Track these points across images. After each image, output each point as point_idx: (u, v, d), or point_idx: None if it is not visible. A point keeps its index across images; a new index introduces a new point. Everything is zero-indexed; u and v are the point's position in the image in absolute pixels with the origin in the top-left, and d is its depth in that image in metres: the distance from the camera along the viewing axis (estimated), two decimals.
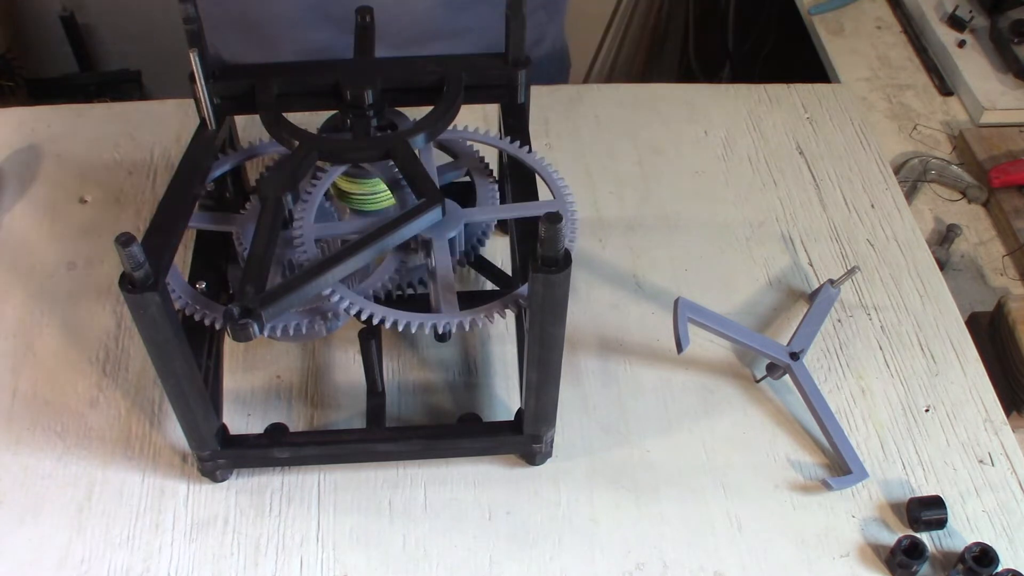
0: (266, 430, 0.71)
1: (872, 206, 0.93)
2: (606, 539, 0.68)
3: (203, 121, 0.69)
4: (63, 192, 0.90)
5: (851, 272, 0.81)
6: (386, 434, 0.71)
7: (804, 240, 0.89)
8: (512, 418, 0.71)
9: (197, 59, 0.65)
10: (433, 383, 0.77)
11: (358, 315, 0.62)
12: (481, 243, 0.70)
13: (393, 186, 0.67)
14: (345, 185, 0.69)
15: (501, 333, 0.80)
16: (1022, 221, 1.03)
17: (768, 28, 1.76)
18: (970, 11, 1.25)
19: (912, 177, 1.08)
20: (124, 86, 2.03)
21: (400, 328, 0.61)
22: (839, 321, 0.83)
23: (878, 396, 0.78)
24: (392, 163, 0.66)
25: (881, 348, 0.81)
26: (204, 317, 0.63)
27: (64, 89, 1.99)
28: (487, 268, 0.75)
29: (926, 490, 0.72)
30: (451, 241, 0.65)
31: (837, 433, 0.73)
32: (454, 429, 0.72)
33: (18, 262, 0.84)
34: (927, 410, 0.77)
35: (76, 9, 1.96)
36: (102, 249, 0.85)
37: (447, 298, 0.63)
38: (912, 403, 0.77)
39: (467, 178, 0.73)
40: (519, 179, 0.70)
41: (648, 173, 0.94)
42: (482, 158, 0.73)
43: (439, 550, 0.67)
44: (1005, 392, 0.84)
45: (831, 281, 0.82)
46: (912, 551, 0.66)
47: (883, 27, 1.31)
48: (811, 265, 0.87)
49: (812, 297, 0.83)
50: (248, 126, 0.91)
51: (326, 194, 0.68)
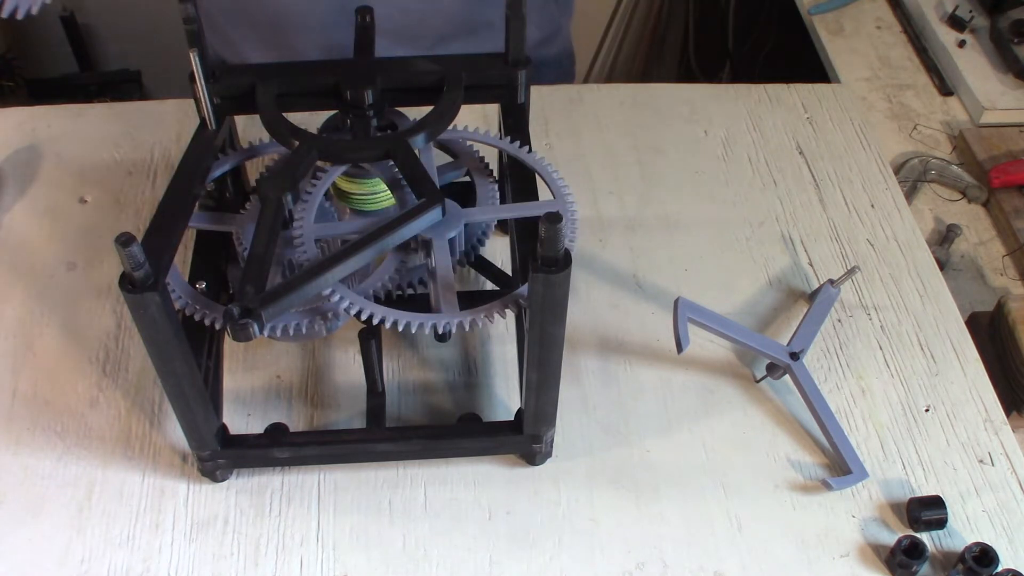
0: (266, 430, 0.71)
1: (872, 206, 0.93)
2: (606, 539, 0.68)
3: (203, 121, 0.69)
4: (63, 192, 0.90)
5: (851, 272, 0.81)
6: (386, 434, 0.71)
7: (804, 240, 0.89)
8: (512, 418, 0.71)
9: (197, 59, 0.65)
10: (433, 383, 0.77)
11: (358, 315, 0.62)
12: (481, 243, 0.70)
13: (393, 186, 0.67)
14: (345, 185, 0.69)
15: (501, 333, 0.80)
16: (1022, 221, 1.03)
17: (768, 28, 1.76)
18: (970, 11, 1.25)
19: (912, 177, 1.08)
20: (124, 86, 2.03)
21: (400, 328, 0.61)
22: (839, 321, 0.83)
23: (878, 396, 0.78)
24: (392, 163, 0.66)
25: (881, 348, 0.81)
26: (204, 317, 0.63)
27: (64, 89, 1.99)
28: (487, 268, 0.75)
29: (926, 490, 0.72)
30: (451, 241, 0.65)
31: (837, 433, 0.73)
32: (454, 429, 0.72)
33: (18, 262, 0.84)
34: (927, 410, 0.77)
35: (76, 9, 1.96)
36: (102, 249, 0.85)
37: (447, 298, 0.63)
38: (912, 403, 0.77)
39: (467, 178, 0.73)
40: (519, 179, 0.70)
41: (648, 173, 0.94)
42: (482, 158, 0.73)
43: (439, 550, 0.67)
44: (1005, 392, 0.84)
45: (831, 281, 0.82)
46: (912, 551, 0.66)
47: (883, 27, 1.31)
48: (811, 265, 0.87)
49: (812, 297, 0.83)
50: (248, 126, 0.91)
51: (326, 194, 0.68)
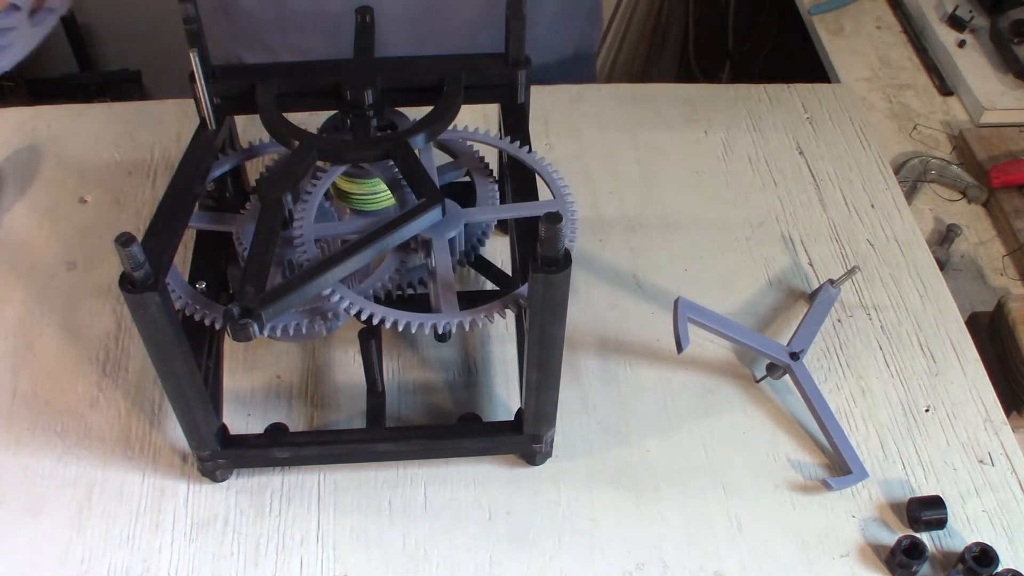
0: (266, 430, 0.71)
1: (872, 206, 0.93)
2: (606, 539, 0.68)
3: (203, 121, 0.69)
4: (63, 192, 0.90)
5: (851, 272, 0.81)
6: (386, 434, 0.71)
7: (804, 240, 0.89)
8: (512, 418, 0.71)
9: (197, 59, 0.65)
10: (433, 383, 0.77)
11: (358, 315, 0.62)
12: (481, 243, 0.70)
13: (393, 186, 0.67)
14: (345, 185, 0.69)
15: (501, 333, 0.80)
16: (1022, 221, 1.03)
17: (768, 28, 1.76)
18: (970, 11, 1.25)
19: (912, 177, 1.08)
20: (124, 86, 2.03)
21: (400, 328, 0.61)
22: (839, 321, 0.83)
23: (878, 396, 0.78)
24: (392, 163, 0.66)
25: (881, 348, 0.81)
26: (204, 317, 0.63)
27: (64, 89, 1.99)
28: (487, 268, 0.75)
29: (926, 490, 0.72)
30: (451, 241, 0.65)
31: (837, 433, 0.73)
32: (454, 429, 0.72)
33: (18, 262, 0.84)
34: (927, 410, 0.77)
35: (76, 9, 1.96)
36: (102, 249, 0.85)
37: (447, 298, 0.63)
38: (912, 403, 0.77)
39: (467, 178, 0.73)
40: (519, 179, 0.70)
41: (648, 173, 0.94)
42: (482, 158, 0.73)
43: (439, 550, 0.67)
44: (1005, 392, 0.84)
45: (831, 281, 0.82)
46: (912, 551, 0.66)
47: (883, 27, 1.31)
48: (811, 265, 0.87)
49: (812, 297, 0.83)
50: (248, 126, 0.91)
51: (326, 194, 0.68)
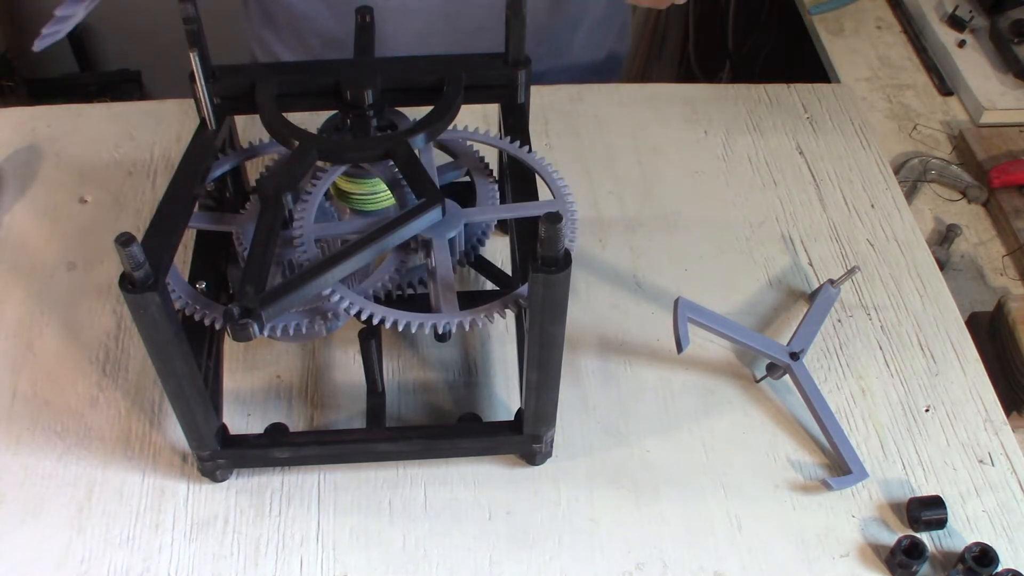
0: (266, 430, 0.71)
1: (872, 206, 0.93)
2: (606, 539, 0.68)
3: (203, 121, 0.69)
4: (63, 192, 0.90)
5: (851, 272, 0.81)
6: (386, 434, 0.71)
7: (804, 240, 0.89)
8: (512, 418, 0.71)
9: (197, 59, 0.65)
10: (433, 383, 0.77)
11: (358, 315, 0.62)
12: (481, 243, 0.70)
13: (393, 186, 0.67)
14: (345, 185, 0.69)
15: (501, 333, 0.80)
16: (1022, 221, 1.03)
17: (768, 28, 1.76)
18: (970, 11, 1.25)
19: (912, 177, 1.08)
20: (124, 86, 2.03)
21: (400, 328, 0.61)
22: (839, 321, 0.83)
23: (878, 396, 0.78)
24: (392, 163, 0.66)
25: (881, 348, 0.81)
26: (204, 317, 0.63)
27: (64, 89, 1.99)
28: (487, 268, 0.75)
29: (926, 490, 0.72)
30: (451, 241, 0.65)
31: (837, 433, 0.73)
32: (454, 429, 0.72)
33: (18, 262, 0.84)
34: (927, 410, 0.77)
35: None
36: (102, 249, 0.85)
37: (447, 298, 0.63)
38: (912, 403, 0.77)
39: (467, 178, 0.73)
40: (519, 179, 0.70)
41: (648, 173, 0.94)
42: (482, 158, 0.73)
43: (439, 550, 0.67)
44: (1005, 392, 0.84)
45: (831, 281, 0.82)
46: (912, 551, 0.66)
47: (883, 27, 1.31)
48: (811, 265, 0.87)
49: (812, 297, 0.83)
50: (248, 126, 0.91)
51: (326, 194, 0.68)
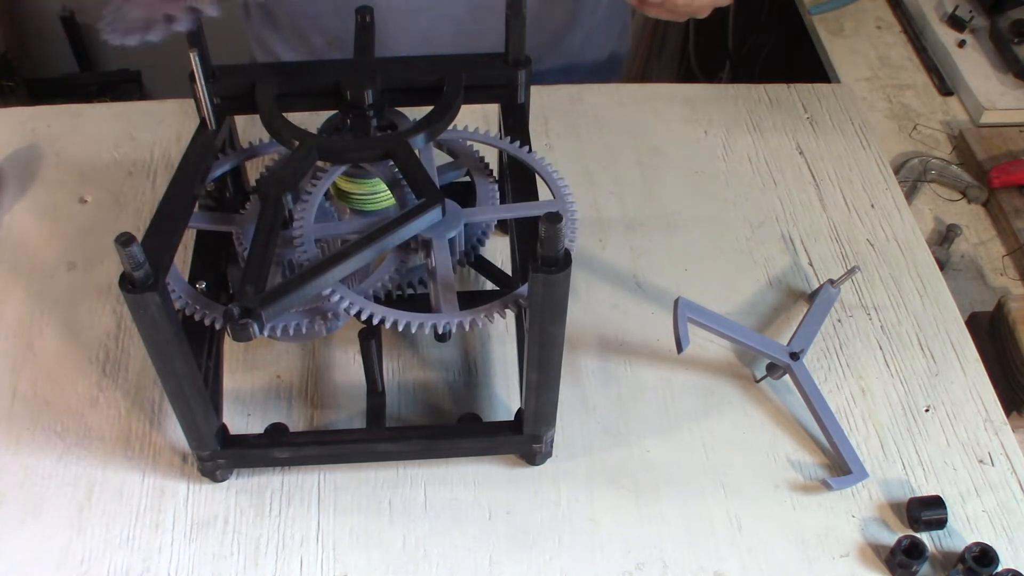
0: (266, 430, 0.71)
1: (872, 206, 0.93)
2: (606, 539, 0.68)
3: (203, 121, 0.69)
4: (63, 192, 0.90)
5: (851, 272, 0.81)
6: (386, 434, 0.71)
7: (804, 240, 0.89)
8: (512, 418, 0.71)
9: (197, 59, 0.65)
10: (433, 383, 0.77)
11: (358, 315, 0.62)
12: (481, 243, 0.70)
13: (393, 186, 0.67)
14: (345, 185, 0.69)
15: (501, 333, 0.80)
16: (1022, 221, 1.03)
17: (768, 28, 1.76)
18: (970, 11, 1.25)
19: (912, 177, 1.08)
20: (124, 86, 2.03)
21: (400, 328, 0.61)
22: (839, 321, 0.83)
23: (878, 396, 0.78)
24: (392, 163, 0.66)
25: (881, 348, 0.81)
26: (204, 317, 0.63)
27: (64, 89, 1.99)
28: (487, 268, 0.75)
29: (926, 490, 0.72)
30: (451, 241, 0.65)
31: (837, 433, 0.73)
32: (454, 429, 0.72)
33: (18, 262, 0.84)
34: (927, 410, 0.77)
35: (76, 9, 1.96)
36: (102, 249, 0.85)
37: (447, 298, 0.63)
38: (912, 403, 0.77)
39: (467, 178, 0.73)
40: (519, 179, 0.70)
41: (648, 173, 0.94)
42: (482, 158, 0.73)
43: (439, 550, 0.67)
44: (1005, 392, 0.84)
45: (831, 281, 0.82)
46: (912, 551, 0.66)
47: (883, 27, 1.31)
48: (811, 265, 0.87)
49: (812, 297, 0.83)
50: (248, 126, 0.91)
51: (326, 194, 0.68)
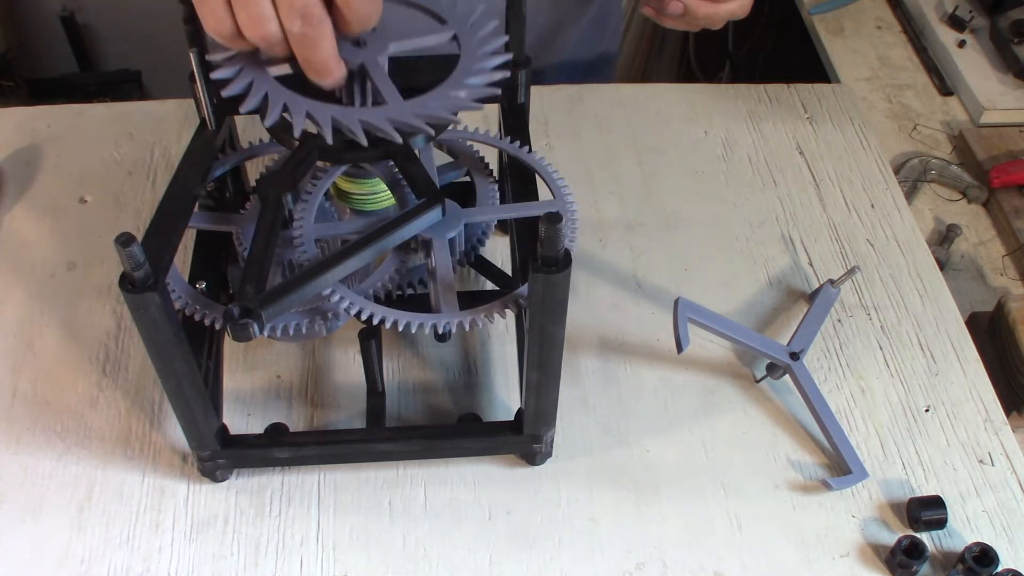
0: (266, 430, 0.71)
1: (872, 206, 0.93)
2: (606, 539, 0.68)
3: (203, 121, 0.69)
4: (63, 192, 0.90)
5: (851, 272, 0.81)
6: (386, 434, 0.71)
7: (804, 240, 0.89)
8: (512, 418, 0.71)
9: (197, 59, 0.65)
10: (433, 383, 0.77)
11: (358, 315, 0.62)
12: (481, 243, 0.70)
13: (393, 186, 0.67)
14: (345, 185, 0.69)
15: (501, 333, 0.80)
16: (1022, 221, 1.03)
17: (768, 28, 1.76)
18: (970, 11, 1.25)
19: (912, 177, 1.08)
20: (124, 86, 2.03)
21: (400, 328, 0.61)
22: (839, 321, 0.83)
23: (878, 396, 0.78)
24: (392, 163, 0.66)
25: (881, 348, 0.81)
26: (204, 317, 0.63)
27: (64, 89, 1.99)
28: (487, 268, 0.75)
29: (926, 490, 0.72)
30: (451, 241, 0.65)
31: (837, 433, 0.73)
32: (454, 429, 0.72)
33: (18, 262, 0.84)
34: (927, 410, 0.77)
35: (76, 9, 1.96)
36: (102, 249, 0.85)
37: (447, 298, 0.63)
38: (912, 403, 0.77)
39: (467, 178, 0.73)
40: (519, 179, 0.70)
41: (648, 173, 0.94)
42: (482, 158, 0.73)
43: (439, 550, 0.67)
44: (1005, 392, 0.84)
45: (831, 281, 0.82)
46: (912, 551, 0.66)
47: (883, 27, 1.31)
48: (811, 265, 0.87)
49: (812, 297, 0.83)
50: (248, 126, 0.91)
51: (326, 194, 0.68)
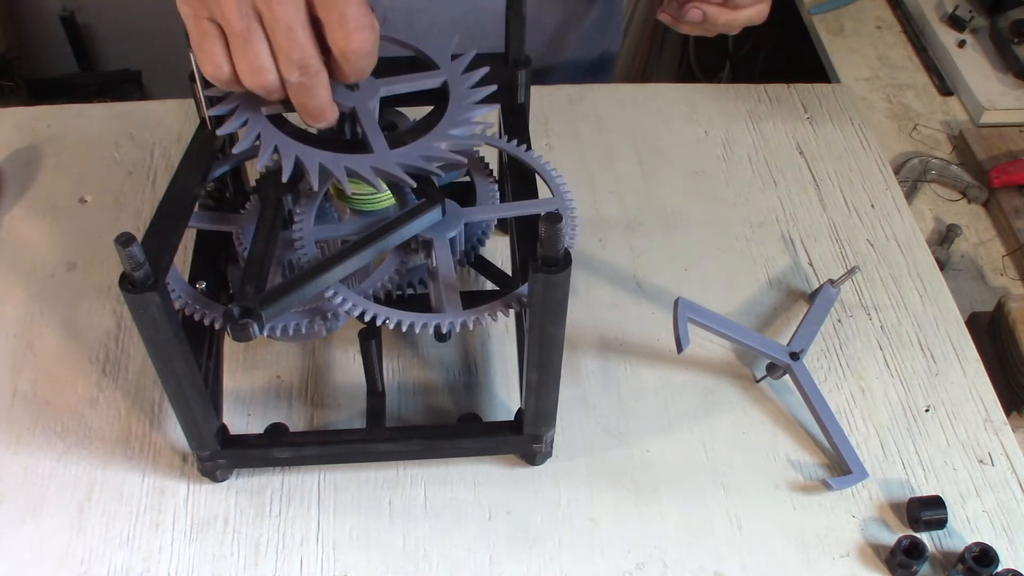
0: (266, 430, 0.71)
1: (872, 206, 0.93)
2: (606, 539, 0.68)
3: (203, 121, 0.69)
4: (63, 192, 0.90)
5: (851, 272, 0.81)
6: (386, 434, 0.71)
7: (804, 240, 0.89)
8: (512, 418, 0.71)
9: (197, 60, 0.65)
10: (433, 383, 0.77)
11: (360, 316, 0.62)
12: (481, 243, 0.70)
13: (393, 186, 0.67)
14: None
15: (501, 333, 0.80)
16: (1022, 221, 1.03)
17: (768, 28, 1.75)
18: (970, 11, 1.25)
19: (912, 177, 1.08)
20: (124, 86, 2.03)
21: (404, 329, 0.61)
22: (839, 321, 0.83)
23: (878, 396, 0.78)
24: None
25: (881, 348, 0.81)
26: (204, 317, 0.63)
27: (64, 89, 1.99)
28: (487, 268, 0.75)
29: (926, 490, 0.72)
30: (451, 241, 0.65)
31: (837, 433, 0.73)
32: (454, 429, 0.72)
33: (18, 262, 0.84)
34: (927, 410, 0.77)
35: (76, 9, 1.96)
36: (102, 249, 0.85)
37: (450, 297, 0.63)
38: (912, 403, 0.77)
39: (467, 178, 0.73)
40: (519, 179, 0.70)
41: (648, 173, 0.94)
42: (482, 158, 0.73)
43: (439, 550, 0.67)
44: (1005, 392, 0.84)
45: (831, 281, 0.82)
46: (912, 551, 0.66)
47: (883, 27, 1.31)
48: (811, 265, 0.87)
49: (812, 297, 0.83)
50: None
51: (326, 194, 0.68)
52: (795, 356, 0.76)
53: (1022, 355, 0.86)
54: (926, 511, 0.69)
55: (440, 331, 0.62)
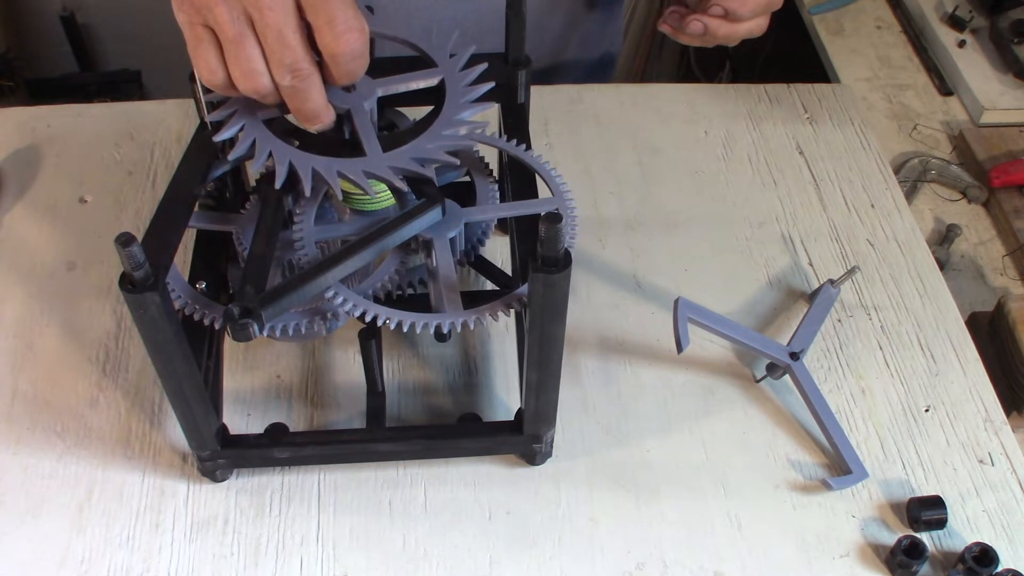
0: (266, 430, 0.71)
1: (872, 206, 0.93)
2: (606, 539, 0.68)
3: (203, 121, 0.69)
4: (63, 192, 0.90)
5: (851, 272, 0.81)
6: (386, 434, 0.71)
7: (804, 240, 0.89)
8: (512, 418, 0.71)
9: None
10: (433, 383, 0.77)
11: (361, 316, 0.62)
12: (481, 243, 0.70)
13: (393, 186, 0.67)
14: (345, 185, 0.69)
15: (501, 333, 0.80)
16: (1022, 221, 1.03)
17: (768, 28, 1.75)
18: (970, 11, 1.25)
19: (912, 177, 1.08)
20: (124, 86, 2.02)
21: (404, 329, 0.61)
22: (839, 321, 0.83)
23: (878, 396, 0.78)
24: None
25: (881, 348, 0.81)
26: (204, 317, 0.63)
27: (64, 89, 1.99)
28: (487, 268, 0.75)
29: (926, 490, 0.72)
30: (451, 241, 0.65)
31: (837, 433, 0.73)
32: (454, 429, 0.72)
33: (18, 262, 0.84)
34: (927, 410, 0.77)
35: (76, 9, 1.95)
36: (102, 249, 0.85)
37: (451, 297, 0.63)
38: (912, 403, 0.77)
39: (467, 178, 0.73)
40: (519, 179, 0.70)
41: (648, 173, 0.94)
42: (482, 158, 0.73)
43: (439, 550, 0.67)
44: (1005, 392, 0.84)
45: (831, 281, 0.82)
46: (912, 551, 0.66)
47: (883, 27, 1.31)
48: (811, 265, 0.87)
49: (812, 297, 0.83)
50: None
51: (326, 194, 0.68)
52: (795, 356, 0.76)
53: (1022, 355, 0.86)
54: (926, 511, 0.69)
55: (440, 331, 0.62)
